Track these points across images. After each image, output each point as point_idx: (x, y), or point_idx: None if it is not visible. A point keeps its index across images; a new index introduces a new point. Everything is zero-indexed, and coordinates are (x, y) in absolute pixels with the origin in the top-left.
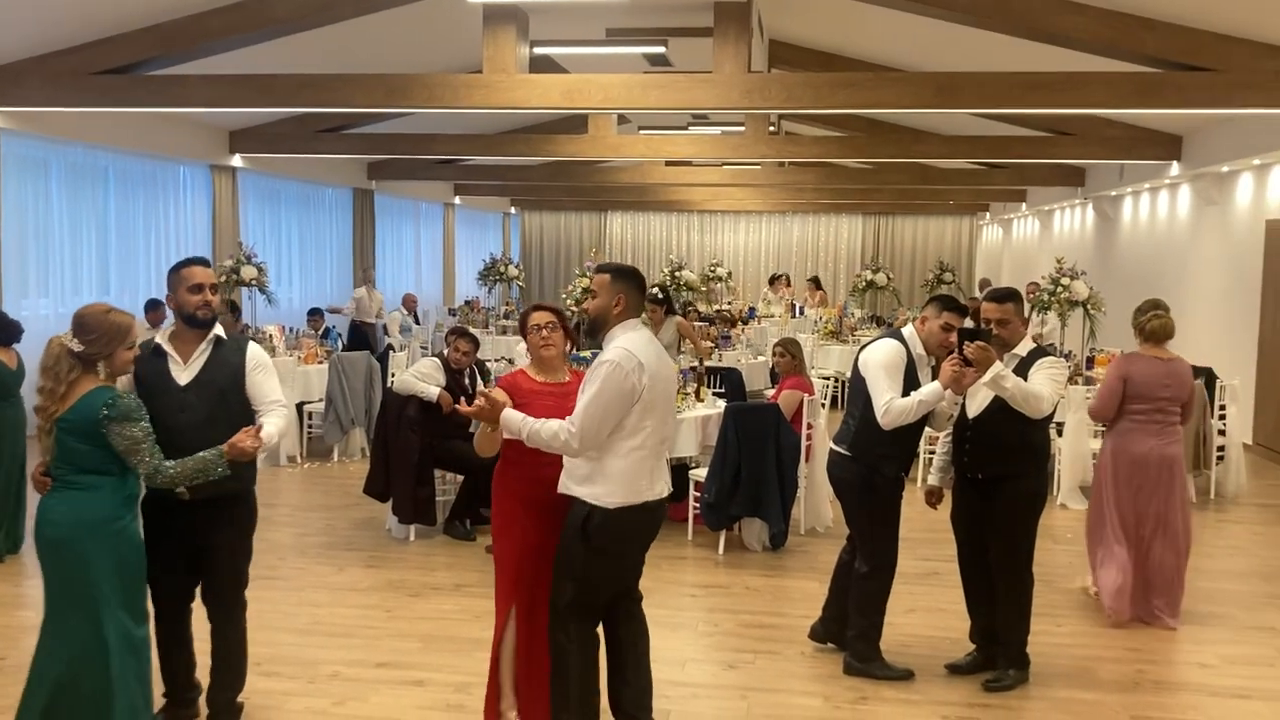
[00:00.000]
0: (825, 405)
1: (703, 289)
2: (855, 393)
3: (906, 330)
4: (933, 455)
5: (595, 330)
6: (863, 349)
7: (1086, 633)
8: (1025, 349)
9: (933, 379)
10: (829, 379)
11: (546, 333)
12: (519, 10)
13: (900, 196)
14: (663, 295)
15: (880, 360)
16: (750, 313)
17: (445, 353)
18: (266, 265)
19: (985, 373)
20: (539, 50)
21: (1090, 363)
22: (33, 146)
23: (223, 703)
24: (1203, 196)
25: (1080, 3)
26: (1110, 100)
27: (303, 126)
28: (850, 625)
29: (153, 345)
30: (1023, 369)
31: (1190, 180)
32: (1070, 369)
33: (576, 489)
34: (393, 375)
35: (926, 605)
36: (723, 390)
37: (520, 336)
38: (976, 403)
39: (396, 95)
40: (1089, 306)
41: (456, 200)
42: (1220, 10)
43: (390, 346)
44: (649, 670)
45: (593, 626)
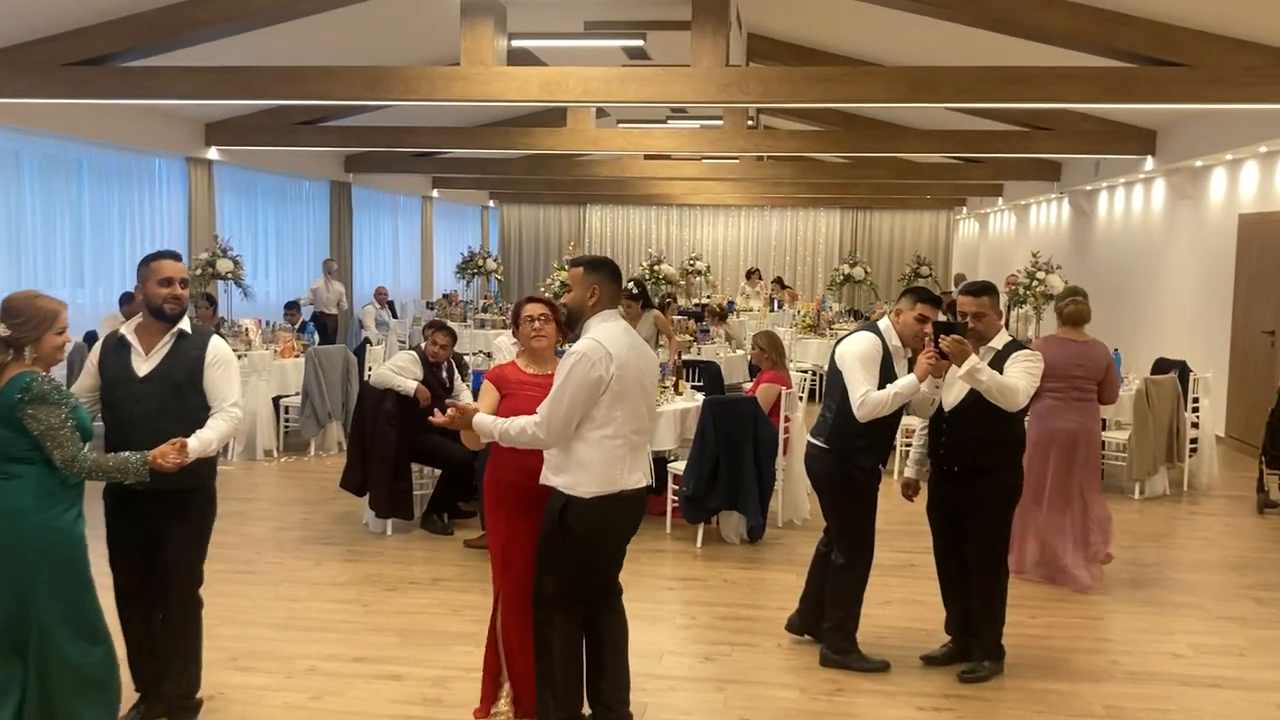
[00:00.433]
0: (803, 398)
1: (682, 283)
2: (832, 386)
3: (882, 323)
4: (909, 447)
5: (573, 323)
6: (839, 342)
7: (1061, 624)
8: (1001, 342)
9: (909, 371)
10: (807, 372)
11: (539, 324)
12: (496, 2)
13: (878, 191)
14: (638, 290)
15: (856, 353)
16: (729, 306)
17: (423, 346)
18: (243, 258)
19: (961, 366)
20: (517, 43)
21: None
22: (5, 138)
23: (176, 700)
24: (1177, 191)
25: None
26: (1085, 95)
27: (280, 119)
28: (827, 617)
29: (118, 336)
30: (998, 362)
31: (1164, 175)
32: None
33: (554, 479)
34: (370, 369)
35: (902, 597)
36: (701, 383)
37: (505, 329)
38: (952, 395)
39: (374, 88)
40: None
41: (435, 193)
42: (1194, 6)
43: (367, 340)
44: (627, 664)
45: (577, 618)
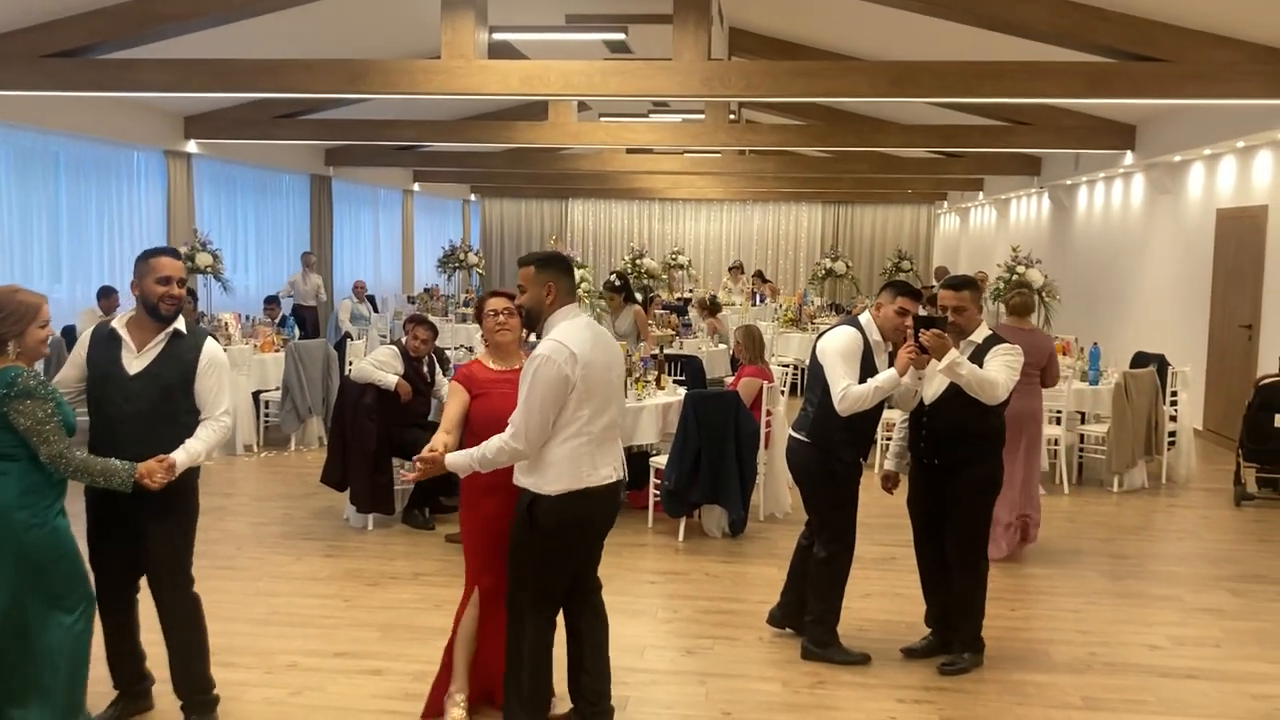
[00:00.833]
0: (784, 392)
1: (664, 277)
2: (813, 380)
3: (863, 318)
4: (890, 441)
5: (532, 323)
6: (820, 337)
7: (1039, 616)
8: (981, 336)
9: (890, 365)
10: (788, 366)
11: (503, 318)
12: None
13: (859, 185)
14: (620, 282)
15: (837, 347)
16: (714, 299)
17: (404, 340)
18: (222, 252)
19: (941, 360)
20: (498, 36)
21: None
22: None
23: (190, 695)
24: (1156, 186)
25: None
26: (1065, 90)
27: (259, 112)
28: (808, 610)
29: (108, 329)
30: (978, 356)
31: (1143, 170)
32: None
33: (522, 479)
34: (350, 363)
35: (883, 590)
36: (683, 378)
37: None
38: (932, 389)
39: (354, 81)
40: (1044, 294)
41: (416, 187)
42: (1173, 2)
43: (347, 334)
44: (608, 659)
45: (551, 616)
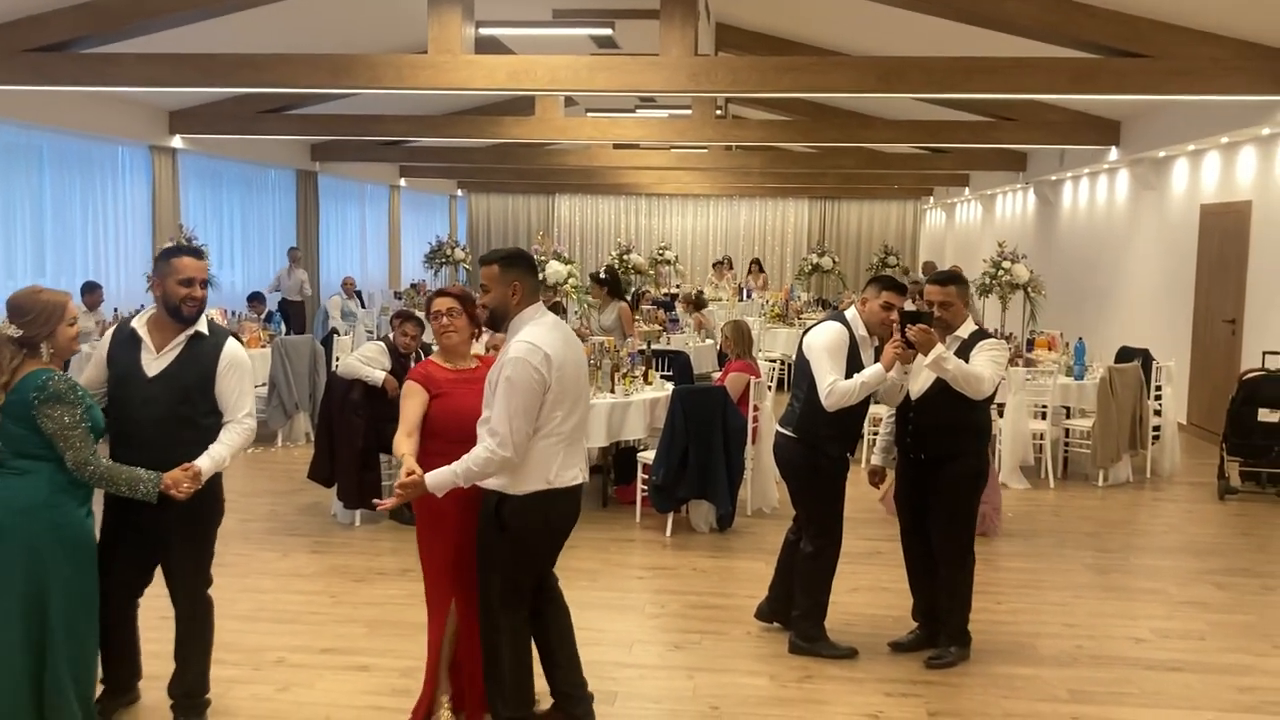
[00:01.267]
0: (771, 388)
1: (651, 272)
2: (800, 375)
3: (849, 313)
4: (876, 436)
5: (496, 323)
6: (807, 332)
7: (1026, 610)
8: (967, 331)
9: (876, 360)
10: (775, 362)
11: (448, 319)
12: None
13: (845, 181)
14: (607, 276)
15: (823, 343)
16: (699, 295)
17: (391, 337)
18: (208, 248)
19: (927, 355)
20: (484, 31)
21: (1030, 345)
22: None
23: (182, 698)
24: (1140, 181)
25: None
26: (1050, 85)
27: (244, 107)
28: (796, 605)
29: (129, 329)
30: (964, 351)
31: (1128, 165)
32: (1011, 351)
33: (489, 481)
34: (337, 359)
35: (870, 584)
36: (670, 373)
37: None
38: (919, 384)
39: (340, 75)
40: (1029, 290)
41: (402, 182)
42: None
43: (334, 330)
44: (576, 647)
45: (524, 616)
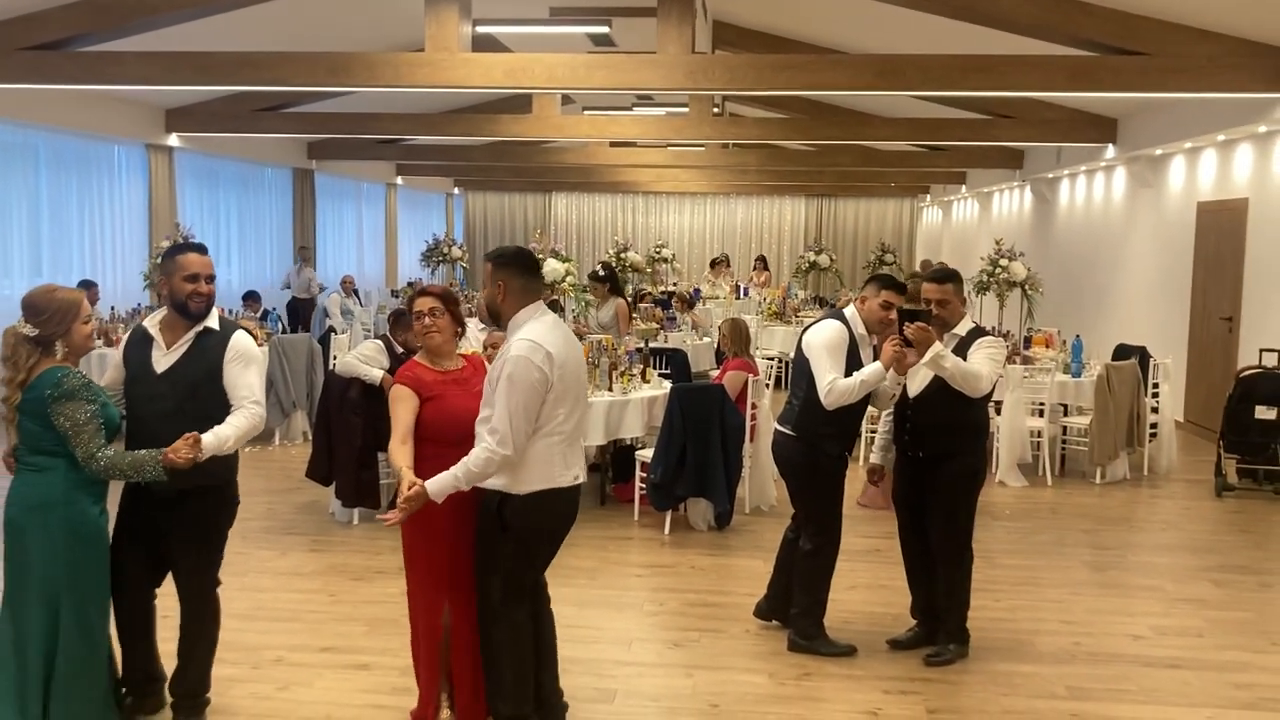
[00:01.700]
0: (769, 386)
1: (648, 270)
2: (798, 373)
3: (848, 311)
4: (875, 434)
5: (494, 319)
6: (806, 330)
7: (1024, 607)
8: (964, 328)
9: (875, 358)
10: (773, 360)
11: (430, 319)
12: None
13: (842, 178)
14: (605, 273)
15: (822, 341)
16: (695, 294)
17: (388, 334)
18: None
19: (925, 353)
20: (482, 29)
21: (1028, 342)
22: None
23: (181, 698)
24: (1137, 179)
25: None
26: (1047, 83)
27: (241, 105)
28: (794, 603)
29: (142, 329)
30: (962, 349)
31: (1125, 163)
32: (1008, 348)
33: (490, 481)
34: (334, 358)
35: (868, 582)
36: (668, 371)
37: (471, 317)
38: (917, 382)
39: (337, 74)
40: (1027, 287)
41: (399, 180)
42: None
43: (331, 329)
44: (557, 651)
45: (525, 614)
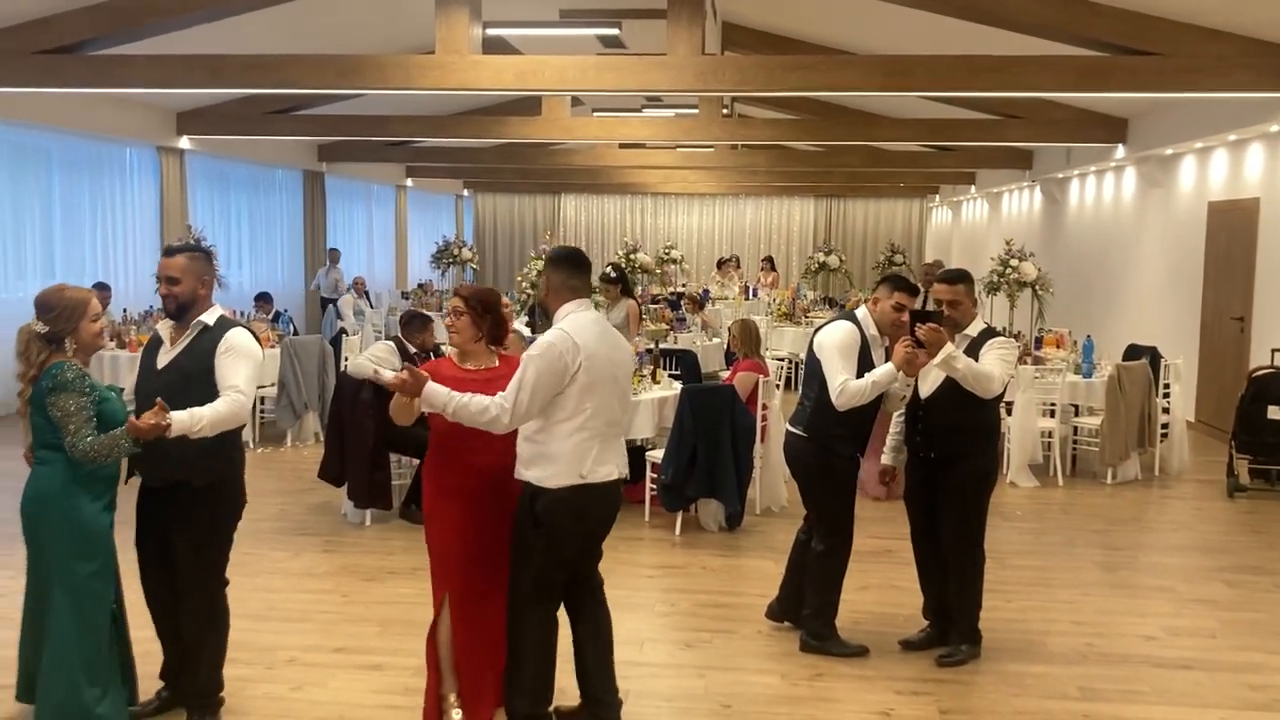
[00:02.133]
0: (779, 386)
1: (657, 272)
2: (810, 374)
3: (860, 312)
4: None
5: (545, 314)
6: (817, 331)
7: (1036, 608)
8: (976, 329)
9: (886, 360)
10: (783, 360)
11: (450, 319)
12: None
13: (851, 179)
14: (616, 274)
15: (834, 342)
16: (704, 294)
17: (400, 335)
18: (216, 248)
19: (937, 354)
20: (492, 31)
21: (1039, 343)
22: None
23: (191, 698)
24: (1147, 179)
25: None
26: (1057, 84)
27: (252, 108)
28: (806, 603)
29: (155, 332)
30: (973, 349)
31: (1135, 163)
32: (1019, 349)
33: (525, 473)
34: (346, 359)
35: (880, 582)
36: (678, 372)
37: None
38: (928, 383)
39: (348, 76)
40: (1037, 288)
41: (409, 182)
42: None
43: (343, 330)
44: (612, 654)
45: (552, 611)
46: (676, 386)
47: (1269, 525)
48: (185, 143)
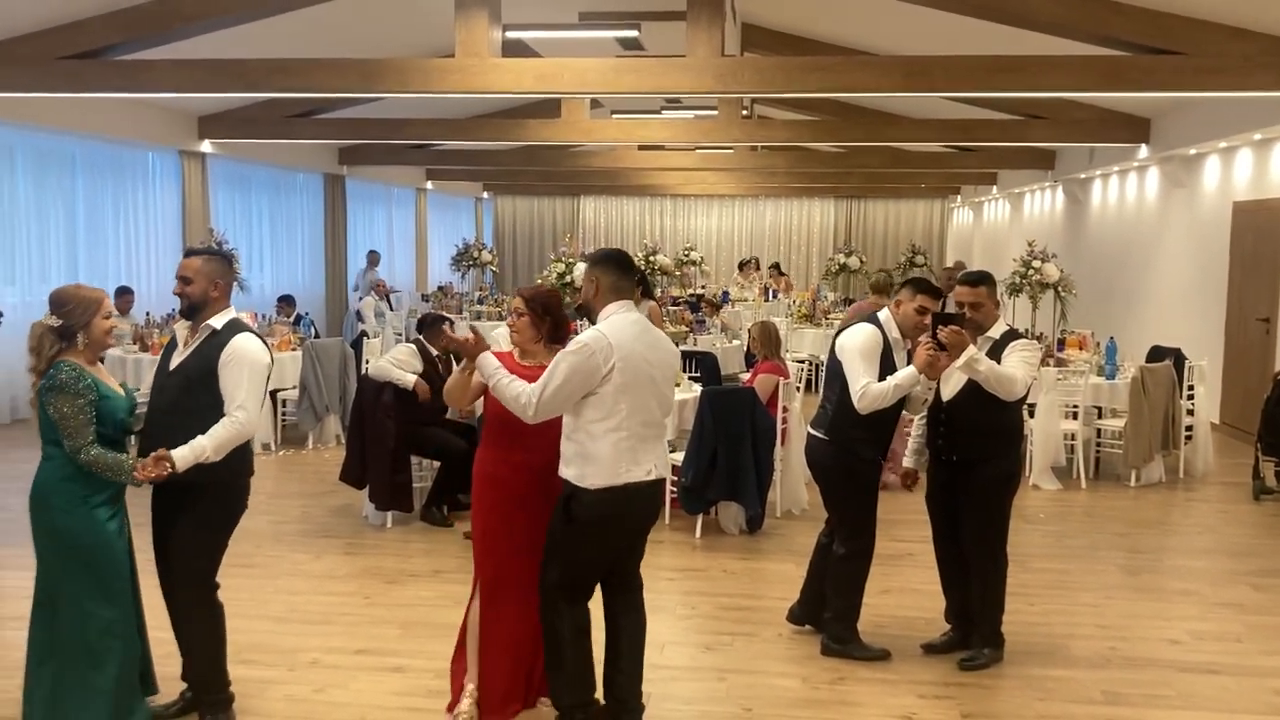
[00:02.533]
0: (800, 388)
1: (677, 273)
2: (832, 377)
3: (882, 314)
4: (908, 438)
5: (587, 315)
6: (839, 333)
7: (1059, 611)
8: (998, 331)
9: (908, 363)
10: (803, 362)
11: (513, 319)
12: None
13: (872, 180)
14: (637, 276)
15: (856, 345)
16: (724, 296)
17: (421, 338)
18: (238, 252)
19: (959, 356)
20: (511, 34)
21: (1062, 344)
22: None
23: (200, 698)
24: (1171, 179)
25: None
26: (1078, 83)
27: (273, 111)
28: (828, 607)
29: (173, 334)
30: (996, 351)
31: (1158, 163)
32: (1042, 351)
33: (564, 471)
34: (367, 361)
35: (902, 586)
36: (698, 374)
37: (501, 320)
38: (951, 386)
39: (369, 80)
40: (1060, 289)
41: (429, 185)
42: None
43: (364, 332)
44: (642, 658)
45: (583, 607)
46: (697, 389)
47: None
48: (207, 146)
